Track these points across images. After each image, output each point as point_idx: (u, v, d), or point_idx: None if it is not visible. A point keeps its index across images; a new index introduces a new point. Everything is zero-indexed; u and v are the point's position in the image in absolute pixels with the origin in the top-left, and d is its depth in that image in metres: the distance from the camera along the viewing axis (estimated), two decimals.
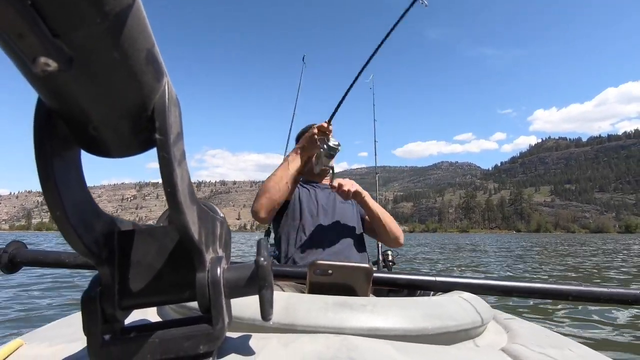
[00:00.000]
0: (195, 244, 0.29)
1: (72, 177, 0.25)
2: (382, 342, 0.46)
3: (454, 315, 0.57)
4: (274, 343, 0.43)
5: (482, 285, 0.79)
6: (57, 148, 0.23)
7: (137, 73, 0.21)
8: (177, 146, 0.25)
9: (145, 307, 0.32)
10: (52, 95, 0.21)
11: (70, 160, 0.25)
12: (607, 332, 2.97)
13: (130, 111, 0.23)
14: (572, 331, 2.97)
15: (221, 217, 0.36)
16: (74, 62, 0.18)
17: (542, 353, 0.52)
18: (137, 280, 0.31)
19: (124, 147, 0.25)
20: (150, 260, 0.31)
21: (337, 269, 0.70)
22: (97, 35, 0.18)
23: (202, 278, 0.30)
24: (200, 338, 0.30)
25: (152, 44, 0.21)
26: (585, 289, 0.78)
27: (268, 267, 0.32)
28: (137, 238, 0.31)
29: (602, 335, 2.86)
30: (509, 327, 0.67)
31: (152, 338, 0.30)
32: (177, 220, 0.27)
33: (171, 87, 0.25)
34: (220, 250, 0.35)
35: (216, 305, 0.30)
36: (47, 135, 0.23)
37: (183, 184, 0.26)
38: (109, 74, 0.20)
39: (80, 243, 0.26)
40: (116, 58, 0.19)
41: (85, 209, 0.27)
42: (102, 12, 0.17)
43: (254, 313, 0.50)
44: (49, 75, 0.18)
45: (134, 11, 0.18)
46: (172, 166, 0.24)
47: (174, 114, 0.25)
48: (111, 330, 0.30)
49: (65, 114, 0.23)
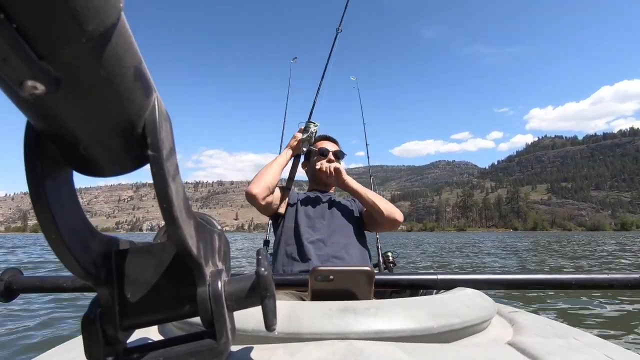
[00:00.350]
0: (194, 259, 0.29)
1: (65, 198, 0.25)
2: (388, 345, 0.46)
3: (458, 312, 0.57)
4: (279, 353, 0.42)
5: (483, 280, 0.79)
6: (48, 169, 0.23)
7: (125, 91, 0.21)
8: (170, 161, 0.25)
9: (147, 326, 0.32)
10: (40, 117, 0.21)
11: (62, 180, 0.25)
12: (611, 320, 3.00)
13: (120, 129, 0.23)
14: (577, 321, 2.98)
15: (219, 230, 0.36)
16: (62, 83, 0.18)
17: (548, 344, 0.52)
18: (138, 299, 0.30)
19: (116, 165, 0.25)
20: (149, 277, 0.31)
21: (338, 273, 0.70)
22: (83, 55, 0.18)
23: (203, 292, 0.30)
24: (205, 353, 0.30)
25: (139, 60, 0.21)
26: (586, 277, 0.78)
27: (269, 277, 0.32)
28: (135, 256, 0.31)
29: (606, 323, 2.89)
30: (514, 320, 0.67)
31: (155, 357, 0.30)
32: (174, 236, 0.26)
33: (161, 102, 0.25)
34: (219, 263, 0.35)
35: (219, 319, 0.30)
36: (38, 157, 0.23)
37: (178, 198, 0.26)
38: (97, 93, 0.20)
39: (77, 265, 0.26)
40: (103, 77, 0.19)
41: (80, 230, 0.26)
42: (87, 31, 0.17)
43: (257, 324, 0.50)
44: (36, 98, 0.18)
45: (119, 29, 0.18)
46: (166, 182, 0.24)
47: (165, 130, 0.24)
48: (114, 351, 0.30)
49: (55, 135, 0.22)
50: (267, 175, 1.38)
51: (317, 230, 1.35)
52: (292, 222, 1.40)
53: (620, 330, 2.79)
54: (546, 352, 0.48)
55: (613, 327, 2.85)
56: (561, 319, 3.07)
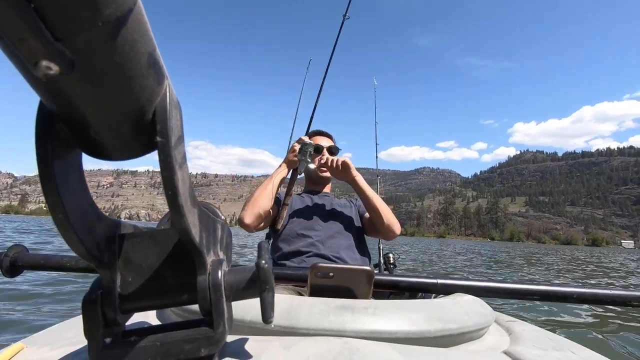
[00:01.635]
0: (196, 247, 0.29)
1: (74, 180, 0.25)
2: (384, 345, 0.46)
3: (456, 318, 0.56)
4: (275, 346, 0.42)
5: (483, 287, 0.79)
6: (59, 151, 0.23)
7: (138, 76, 0.21)
8: (178, 149, 0.25)
9: (146, 310, 0.32)
10: (53, 98, 0.21)
11: (71, 163, 0.25)
12: (609, 335, 2.98)
13: (131, 114, 0.23)
14: (577, 334, 2.96)
15: (222, 220, 0.36)
16: (76, 66, 0.18)
17: (544, 356, 0.51)
18: (138, 284, 0.30)
19: (125, 150, 0.25)
20: (151, 263, 0.31)
21: (338, 271, 0.70)
22: (98, 39, 0.18)
23: (203, 281, 0.30)
24: (201, 341, 0.30)
25: (153, 47, 0.21)
26: (587, 291, 0.78)
27: (269, 269, 0.32)
28: (138, 241, 0.31)
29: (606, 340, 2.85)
30: (511, 330, 0.67)
31: (152, 341, 0.30)
32: (178, 223, 0.27)
33: (172, 90, 0.25)
34: (221, 253, 0.35)
35: (217, 308, 0.30)
36: (49, 138, 0.23)
37: (184, 186, 0.26)
38: (111, 77, 0.20)
39: (82, 246, 0.26)
40: (117, 61, 0.19)
41: (86, 212, 0.27)
42: (104, 15, 0.17)
43: (255, 316, 0.50)
44: (50, 78, 0.18)
45: (135, 15, 0.18)
46: (173, 169, 0.24)
47: (175, 117, 0.25)
48: (112, 333, 0.30)
49: (67, 117, 0.23)
50: (261, 201, 1.32)
51: (316, 231, 1.34)
52: (291, 224, 1.39)
53: (622, 347, 2.76)
54: None
55: (613, 342, 2.82)
56: (558, 329, 3.09)
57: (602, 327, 3.36)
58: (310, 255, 1.26)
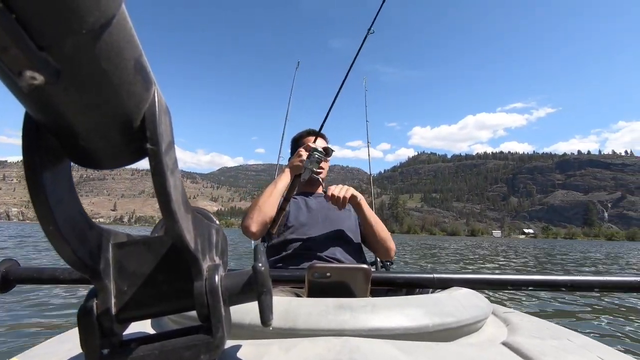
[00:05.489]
0: (191, 253, 0.28)
1: (63, 190, 0.25)
2: (383, 342, 0.46)
3: (454, 312, 0.57)
4: (275, 349, 0.42)
5: (479, 280, 0.80)
6: (47, 161, 0.23)
7: (125, 83, 0.21)
8: (169, 155, 0.24)
9: (143, 319, 0.32)
10: (39, 109, 0.21)
11: (60, 173, 0.24)
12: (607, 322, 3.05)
13: (120, 122, 0.22)
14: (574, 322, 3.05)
15: (217, 225, 0.36)
16: (61, 75, 0.18)
17: (542, 344, 0.52)
18: (134, 292, 0.30)
19: (115, 158, 0.25)
20: (146, 271, 0.31)
21: (335, 271, 0.70)
22: (83, 47, 0.17)
23: (200, 287, 0.30)
24: (201, 347, 0.30)
25: (139, 53, 0.21)
26: (580, 279, 0.79)
27: (266, 272, 0.31)
28: (132, 249, 0.31)
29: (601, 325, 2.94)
30: (509, 321, 0.67)
31: (151, 350, 0.30)
32: (172, 230, 0.26)
33: (160, 95, 0.24)
34: (217, 258, 0.35)
35: (215, 314, 0.30)
36: (36, 149, 0.22)
37: (177, 192, 0.25)
38: (97, 85, 0.19)
39: (74, 257, 0.26)
40: (104, 69, 0.19)
41: (77, 222, 0.26)
42: (88, 23, 0.16)
43: (253, 319, 0.50)
44: (35, 89, 0.17)
45: (120, 21, 0.18)
46: (165, 175, 0.24)
47: (164, 123, 0.24)
48: (109, 344, 0.29)
49: (54, 127, 0.22)
50: (266, 209, 1.29)
51: (312, 234, 1.33)
52: (286, 227, 1.37)
53: (615, 331, 2.80)
54: (540, 353, 0.48)
55: (608, 328, 2.87)
56: (556, 319, 3.11)
57: (598, 314, 3.40)
58: (306, 257, 1.25)
